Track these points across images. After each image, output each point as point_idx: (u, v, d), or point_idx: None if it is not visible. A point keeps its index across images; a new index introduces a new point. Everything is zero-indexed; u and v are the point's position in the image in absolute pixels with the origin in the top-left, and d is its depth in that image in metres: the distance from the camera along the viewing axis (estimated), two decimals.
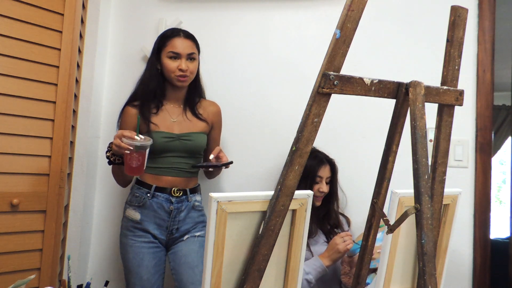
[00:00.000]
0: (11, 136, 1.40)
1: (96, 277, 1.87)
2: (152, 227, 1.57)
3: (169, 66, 1.56)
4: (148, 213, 1.57)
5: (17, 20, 1.39)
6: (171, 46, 1.56)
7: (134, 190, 1.62)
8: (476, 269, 1.69)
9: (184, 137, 1.59)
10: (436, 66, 1.32)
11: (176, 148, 1.58)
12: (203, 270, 0.77)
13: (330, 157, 1.66)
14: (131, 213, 1.59)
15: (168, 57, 1.56)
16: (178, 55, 1.55)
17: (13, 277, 1.37)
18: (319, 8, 1.87)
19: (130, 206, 1.60)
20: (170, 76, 1.57)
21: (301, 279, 0.90)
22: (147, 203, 1.57)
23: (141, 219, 1.57)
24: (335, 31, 0.74)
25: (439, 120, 0.90)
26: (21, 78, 1.41)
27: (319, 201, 1.62)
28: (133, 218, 1.58)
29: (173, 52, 1.55)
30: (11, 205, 1.39)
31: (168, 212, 1.58)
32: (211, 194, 0.75)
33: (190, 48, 1.58)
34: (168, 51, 1.56)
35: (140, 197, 1.58)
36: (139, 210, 1.58)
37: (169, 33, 1.59)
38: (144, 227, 1.57)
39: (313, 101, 0.75)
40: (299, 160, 0.76)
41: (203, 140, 1.64)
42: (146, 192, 1.58)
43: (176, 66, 1.55)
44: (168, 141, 1.57)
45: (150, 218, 1.57)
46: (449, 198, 1.05)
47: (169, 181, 1.59)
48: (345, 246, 1.46)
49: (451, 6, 0.89)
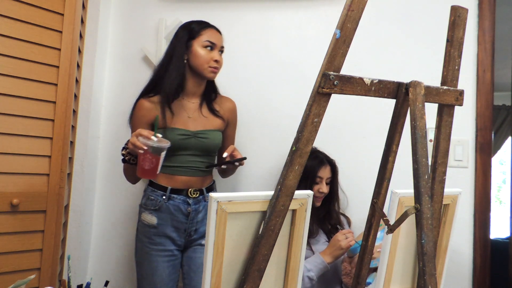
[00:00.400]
0: (11, 136, 1.40)
1: (96, 277, 1.87)
2: (169, 230, 1.51)
3: (205, 56, 1.48)
4: (165, 216, 1.50)
5: (17, 20, 1.39)
6: (208, 36, 1.49)
7: (148, 193, 1.55)
8: (476, 269, 1.69)
9: (200, 135, 1.52)
10: (436, 66, 1.32)
11: (191, 146, 1.51)
12: (203, 271, 0.77)
13: (331, 157, 1.66)
14: (147, 217, 1.52)
15: (203, 46, 1.48)
16: (214, 45, 1.49)
17: (13, 277, 1.37)
18: (319, 8, 1.87)
19: (145, 210, 1.53)
20: (203, 67, 1.49)
21: (301, 279, 0.90)
22: (163, 206, 1.50)
23: (158, 223, 1.50)
24: (335, 31, 0.74)
25: (439, 120, 0.90)
26: (21, 78, 1.41)
27: (319, 202, 1.62)
28: (149, 222, 1.51)
29: (210, 42, 1.49)
30: (11, 205, 1.39)
31: (186, 214, 1.51)
32: (211, 194, 0.75)
33: (222, 41, 1.54)
34: (204, 40, 1.48)
35: (156, 200, 1.51)
36: (155, 214, 1.51)
37: (203, 23, 1.53)
38: (161, 231, 1.51)
39: (313, 101, 0.75)
40: (299, 160, 0.76)
41: (219, 138, 1.57)
42: (161, 194, 1.51)
43: (211, 57, 1.48)
44: (184, 138, 1.50)
45: (167, 222, 1.50)
46: (449, 198, 1.05)
47: (184, 182, 1.53)
48: (348, 243, 1.46)
49: (451, 6, 0.89)
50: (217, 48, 1.51)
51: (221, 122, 1.60)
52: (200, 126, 1.54)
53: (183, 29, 1.53)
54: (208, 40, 1.49)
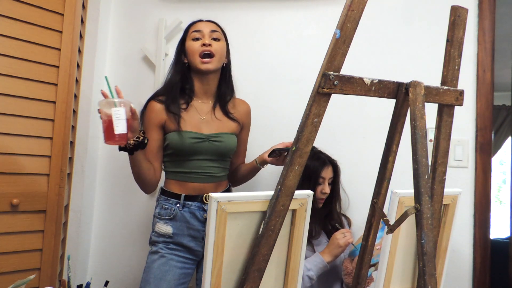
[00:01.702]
0: (11, 136, 1.40)
1: (96, 277, 1.87)
2: (186, 240, 1.43)
3: (192, 47, 1.44)
4: (180, 225, 1.42)
5: (17, 20, 1.39)
6: (193, 27, 1.47)
7: (161, 202, 1.46)
8: (476, 269, 1.69)
9: (213, 138, 1.44)
10: (436, 66, 1.32)
11: (205, 150, 1.43)
12: (203, 270, 0.77)
13: (332, 158, 1.66)
14: (162, 227, 1.44)
15: (191, 39, 1.45)
16: (200, 32, 1.45)
17: (13, 277, 1.37)
18: (319, 8, 1.87)
19: (160, 220, 1.44)
20: (194, 60, 1.43)
21: (301, 279, 0.90)
22: (178, 215, 1.42)
23: (174, 232, 1.42)
24: (335, 31, 0.74)
25: (439, 120, 0.90)
26: (21, 78, 1.41)
27: (321, 203, 1.61)
28: (165, 232, 1.43)
29: (196, 31, 1.45)
30: (11, 205, 1.39)
31: (202, 221, 1.43)
32: (211, 194, 0.75)
33: (213, 26, 1.49)
34: (191, 32, 1.46)
35: (170, 209, 1.43)
36: (170, 223, 1.43)
37: (193, 21, 1.52)
38: (177, 240, 1.42)
39: (313, 101, 0.75)
40: (299, 160, 0.76)
41: (234, 141, 1.49)
42: (175, 202, 1.43)
43: (199, 45, 1.43)
44: (197, 142, 1.41)
45: (183, 231, 1.42)
46: (449, 198, 1.05)
47: (198, 188, 1.44)
48: (346, 241, 1.47)
49: (451, 6, 0.89)
50: (206, 35, 1.45)
51: (236, 125, 1.53)
52: (213, 129, 1.46)
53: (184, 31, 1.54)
54: (194, 31, 1.46)
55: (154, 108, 1.44)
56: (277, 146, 1.44)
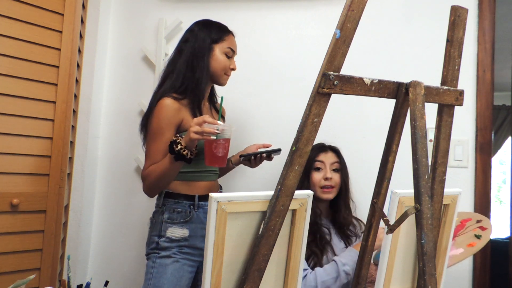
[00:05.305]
0: (11, 136, 1.40)
1: (96, 277, 1.87)
2: (199, 241, 1.42)
3: (224, 63, 1.44)
4: (195, 227, 1.41)
5: (17, 20, 1.39)
6: (229, 43, 1.46)
7: (170, 206, 1.41)
8: (476, 269, 1.69)
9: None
10: (436, 66, 1.32)
11: None
12: (203, 270, 0.77)
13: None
14: (177, 231, 1.40)
15: (224, 52, 1.44)
16: (233, 53, 1.47)
17: (13, 277, 1.37)
18: (319, 8, 1.87)
19: (173, 225, 1.40)
20: (220, 73, 1.45)
21: (301, 279, 0.90)
22: (193, 216, 1.41)
23: (189, 235, 1.40)
24: (335, 31, 0.74)
25: (439, 120, 0.90)
26: (21, 78, 1.41)
27: (330, 193, 1.50)
28: (181, 236, 1.39)
29: (232, 50, 1.46)
30: (11, 205, 1.39)
31: None
32: (211, 194, 0.75)
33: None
34: (226, 46, 1.45)
35: (185, 211, 1.41)
36: (186, 226, 1.40)
37: (224, 28, 1.48)
38: (191, 243, 1.41)
39: (313, 101, 0.75)
40: (299, 160, 0.76)
41: None
42: (189, 204, 1.41)
43: (229, 65, 1.46)
44: None
45: (197, 232, 1.41)
46: (449, 198, 1.05)
47: (207, 187, 1.46)
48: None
49: (451, 6, 0.89)
50: (234, 56, 1.49)
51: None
52: None
53: (201, 29, 1.45)
54: (230, 48, 1.46)
55: (173, 106, 1.36)
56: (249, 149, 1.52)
